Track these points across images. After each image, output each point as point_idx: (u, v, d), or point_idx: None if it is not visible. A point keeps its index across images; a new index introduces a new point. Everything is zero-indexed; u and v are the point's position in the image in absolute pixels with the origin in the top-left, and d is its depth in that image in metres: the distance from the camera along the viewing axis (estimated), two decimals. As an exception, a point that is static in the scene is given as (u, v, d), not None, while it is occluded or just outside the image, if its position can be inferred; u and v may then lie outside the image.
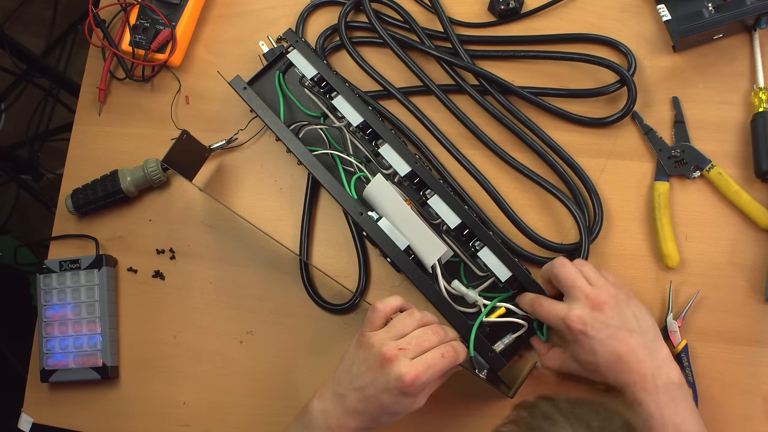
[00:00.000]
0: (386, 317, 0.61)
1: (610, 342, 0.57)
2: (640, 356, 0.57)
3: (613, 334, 0.58)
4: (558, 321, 0.60)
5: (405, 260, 0.68)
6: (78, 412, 0.79)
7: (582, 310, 0.59)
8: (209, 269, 0.78)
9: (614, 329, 0.58)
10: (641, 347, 0.57)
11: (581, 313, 0.59)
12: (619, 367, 0.57)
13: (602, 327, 0.58)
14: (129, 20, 0.82)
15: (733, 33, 0.71)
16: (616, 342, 0.57)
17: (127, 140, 0.84)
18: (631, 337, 0.58)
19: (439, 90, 0.75)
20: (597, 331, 0.58)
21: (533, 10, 0.76)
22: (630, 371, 0.57)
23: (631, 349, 0.57)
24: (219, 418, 0.75)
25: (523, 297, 0.65)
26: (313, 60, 0.76)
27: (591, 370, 0.59)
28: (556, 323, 0.61)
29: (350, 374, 0.59)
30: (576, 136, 0.72)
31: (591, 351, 0.58)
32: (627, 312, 0.60)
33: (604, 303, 0.59)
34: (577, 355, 0.60)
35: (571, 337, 0.59)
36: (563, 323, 0.59)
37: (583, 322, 0.58)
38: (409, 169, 0.71)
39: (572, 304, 0.60)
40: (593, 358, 0.58)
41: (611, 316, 0.59)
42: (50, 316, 0.79)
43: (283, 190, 0.79)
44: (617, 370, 0.57)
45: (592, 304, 0.59)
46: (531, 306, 0.64)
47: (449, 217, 0.69)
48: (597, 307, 0.59)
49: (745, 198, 0.67)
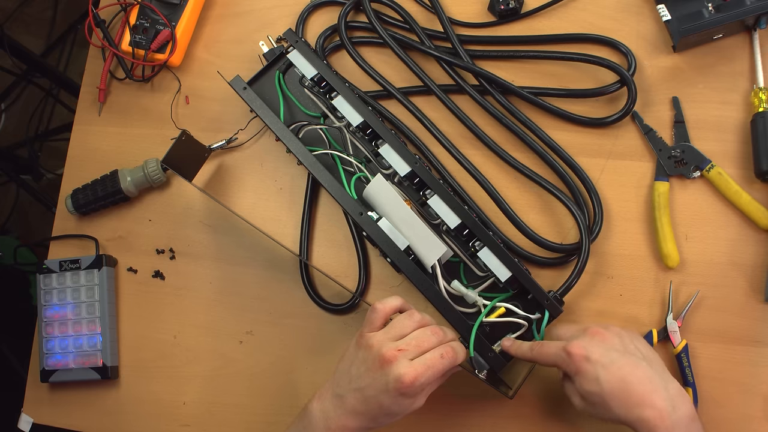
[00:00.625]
0: (386, 318, 0.61)
1: (615, 368, 0.54)
2: (652, 385, 0.54)
3: (617, 360, 0.55)
4: (558, 352, 0.57)
5: (405, 260, 0.68)
6: (78, 412, 0.79)
7: (582, 339, 0.57)
8: (209, 269, 0.79)
9: (618, 354, 0.55)
10: (651, 375, 0.54)
11: (581, 341, 0.57)
12: (627, 398, 0.53)
13: (605, 352, 0.55)
14: (129, 20, 0.82)
15: (733, 33, 0.71)
16: (621, 368, 0.54)
17: (127, 140, 0.84)
18: (638, 365, 0.55)
19: (439, 90, 0.75)
20: (600, 356, 0.55)
21: (533, 10, 0.76)
22: (641, 404, 0.53)
23: (640, 377, 0.54)
24: (219, 418, 0.75)
25: (522, 344, 0.63)
26: (313, 60, 0.76)
27: (596, 403, 0.55)
28: (556, 357, 0.58)
29: (350, 375, 0.59)
30: (576, 136, 0.72)
31: (595, 380, 0.55)
32: (627, 340, 0.58)
33: (604, 331, 0.57)
34: (581, 386, 0.56)
35: (573, 368, 0.56)
36: (563, 353, 0.57)
37: (583, 348, 0.56)
38: (409, 169, 0.71)
39: (571, 339, 0.58)
40: (597, 387, 0.54)
41: (614, 343, 0.57)
42: (50, 316, 0.79)
43: (283, 190, 0.79)
44: (626, 402, 0.53)
45: (592, 333, 0.58)
46: (530, 351, 0.61)
47: (449, 217, 0.69)
48: (598, 335, 0.57)
49: (745, 198, 0.67)
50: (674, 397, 0.54)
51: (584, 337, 0.58)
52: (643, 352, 0.57)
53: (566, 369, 0.57)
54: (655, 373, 0.55)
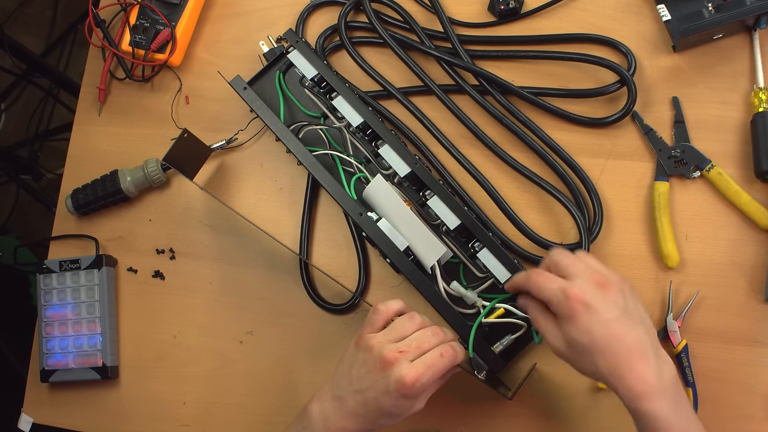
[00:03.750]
0: (387, 320, 0.61)
1: (613, 326, 0.52)
2: (643, 349, 0.52)
3: (618, 318, 0.52)
4: (556, 291, 0.54)
5: (404, 261, 0.68)
6: (78, 412, 0.79)
7: (586, 285, 0.53)
8: (209, 269, 0.79)
9: (619, 312, 0.53)
10: (644, 341, 0.52)
11: (585, 286, 0.53)
12: (618, 358, 0.51)
13: (605, 306, 0.52)
14: (129, 20, 0.82)
15: (733, 33, 0.71)
16: (619, 327, 0.52)
17: (127, 140, 0.84)
18: (634, 327, 0.53)
19: (439, 90, 0.75)
20: (600, 308, 0.52)
21: (533, 10, 0.76)
22: (631, 367, 0.51)
23: (634, 340, 0.52)
24: (219, 418, 0.75)
25: (518, 273, 0.60)
26: (314, 60, 0.76)
27: (581, 353, 0.53)
28: (552, 294, 0.54)
29: (350, 377, 0.59)
30: (576, 136, 0.72)
31: (587, 331, 0.52)
32: (630, 301, 0.54)
33: (610, 284, 0.54)
34: (569, 334, 0.53)
35: (567, 311, 0.53)
36: (562, 294, 0.53)
37: (586, 294, 0.52)
38: (409, 170, 0.71)
39: (575, 279, 0.54)
40: (588, 339, 0.52)
41: (617, 299, 0.53)
42: (50, 316, 0.79)
43: (283, 190, 0.79)
44: (615, 361, 0.51)
45: (596, 281, 0.54)
46: (526, 280, 0.58)
47: (449, 218, 0.69)
48: (602, 286, 0.53)
49: (745, 198, 0.67)
50: (661, 362, 0.53)
51: (588, 283, 0.54)
52: (642, 315, 0.55)
53: (559, 310, 0.54)
54: (648, 339, 0.53)
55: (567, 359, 0.55)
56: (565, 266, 0.56)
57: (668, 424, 0.51)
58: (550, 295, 0.55)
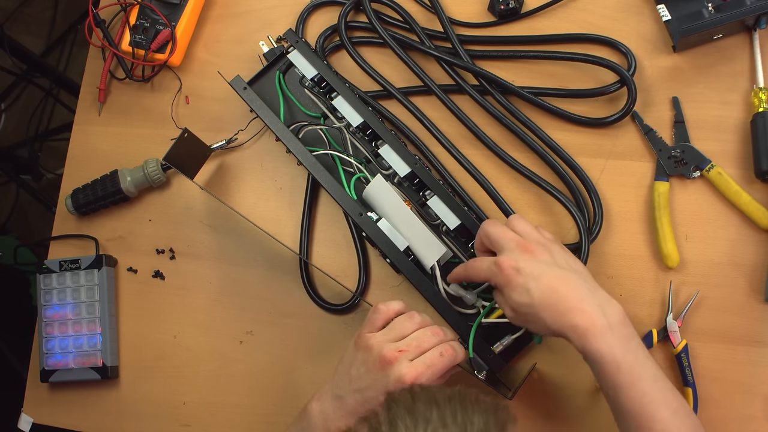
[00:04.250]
0: (387, 320, 0.61)
1: (545, 278, 0.55)
2: (580, 293, 0.54)
3: (546, 271, 0.55)
4: (489, 266, 0.58)
5: (404, 261, 0.68)
6: (78, 412, 0.79)
7: (513, 253, 0.57)
8: (209, 269, 0.79)
9: (547, 266, 0.56)
10: (580, 285, 0.55)
11: (512, 254, 0.57)
12: (558, 306, 0.54)
13: (536, 264, 0.56)
14: (129, 20, 0.82)
15: (733, 33, 0.71)
16: (551, 278, 0.55)
17: (127, 140, 0.84)
18: (567, 276, 0.55)
19: (439, 90, 0.75)
20: (531, 269, 0.55)
21: (533, 10, 0.76)
22: (571, 310, 0.53)
23: (570, 287, 0.54)
24: (219, 418, 0.75)
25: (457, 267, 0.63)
26: (313, 60, 0.76)
27: (527, 314, 0.56)
28: (487, 271, 0.58)
29: (349, 376, 0.59)
30: (576, 136, 0.72)
31: (525, 290, 0.55)
32: (558, 256, 0.58)
33: (534, 246, 0.57)
34: (511, 299, 0.56)
35: (503, 280, 0.56)
36: (495, 267, 0.57)
37: (514, 260, 0.56)
38: (409, 170, 0.71)
39: (503, 252, 0.58)
40: (528, 298, 0.55)
41: (543, 258, 0.57)
42: (50, 316, 0.79)
43: (283, 190, 0.79)
44: (556, 310, 0.54)
45: (522, 248, 0.57)
46: (464, 269, 0.62)
47: (449, 218, 0.69)
48: (527, 250, 0.57)
49: (745, 198, 0.67)
50: (603, 303, 0.54)
51: (515, 251, 0.57)
52: (572, 265, 0.57)
53: (496, 281, 0.58)
54: (584, 283, 0.55)
55: (522, 324, 0.59)
56: (495, 240, 0.60)
57: (614, 360, 0.52)
58: (486, 273, 0.59)
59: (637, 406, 0.52)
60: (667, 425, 0.52)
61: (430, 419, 0.41)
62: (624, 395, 0.52)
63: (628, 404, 0.52)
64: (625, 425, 0.54)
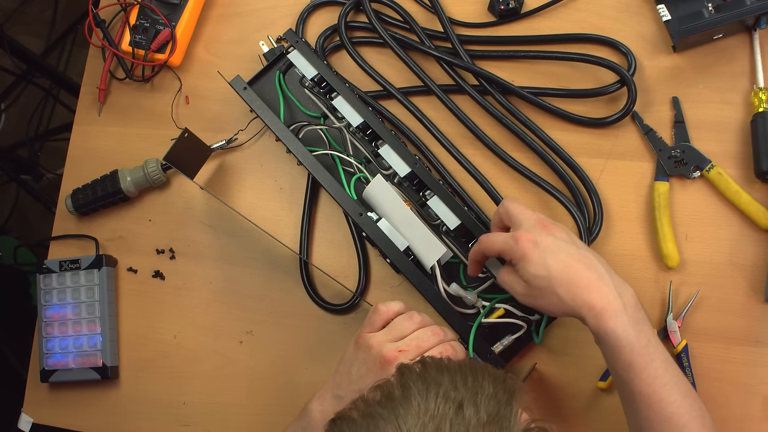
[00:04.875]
0: (387, 320, 0.61)
1: (563, 255, 0.55)
2: (598, 272, 0.55)
3: (564, 248, 0.56)
4: (505, 239, 0.57)
5: (404, 261, 0.68)
6: (78, 412, 0.79)
7: (532, 228, 0.57)
8: (209, 269, 0.79)
9: (565, 243, 0.56)
10: (596, 265, 0.55)
11: (531, 229, 0.57)
12: (574, 283, 0.54)
13: (552, 240, 0.56)
14: (129, 20, 0.82)
15: (733, 33, 0.71)
16: (569, 255, 0.55)
17: (127, 140, 0.84)
18: (584, 255, 0.56)
19: (439, 90, 0.75)
20: (548, 243, 0.56)
21: (533, 10, 0.76)
22: (588, 288, 0.54)
23: (587, 264, 0.55)
24: (219, 418, 0.75)
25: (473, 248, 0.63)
26: (313, 60, 0.76)
27: (542, 287, 0.55)
28: (503, 244, 0.58)
29: (349, 376, 0.59)
30: (576, 136, 0.72)
31: (543, 265, 0.55)
32: (575, 238, 0.58)
33: (553, 225, 0.58)
34: (527, 271, 0.56)
35: (519, 252, 0.56)
36: (512, 240, 0.57)
37: (533, 234, 0.56)
38: (409, 170, 0.71)
39: (520, 226, 0.58)
40: (545, 271, 0.55)
41: (560, 236, 0.57)
42: (50, 316, 0.79)
43: (283, 190, 0.79)
44: (573, 286, 0.54)
45: (541, 224, 0.57)
46: (478, 245, 0.61)
47: (449, 218, 0.69)
48: (546, 227, 0.57)
49: (745, 198, 0.67)
50: (618, 285, 0.55)
51: (534, 227, 0.57)
52: (588, 248, 0.58)
53: (512, 255, 0.57)
54: (600, 263, 0.56)
55: (533, 302, 0.58)
56: (515, 215, 0.59)
57: (628, 341, 0.52)
58: (501, 245, 0.58)
59: (650, 387, 0.53)
60: (678, 408, 0.52)
61: (441, 383, 0.41)
62: (637, 376, 0.53)
63: (641, 385, 0.53)
64: (634, 407, 0.54)
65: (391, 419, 0.39)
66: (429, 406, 0.40)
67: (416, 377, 0.42)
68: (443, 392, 0.40)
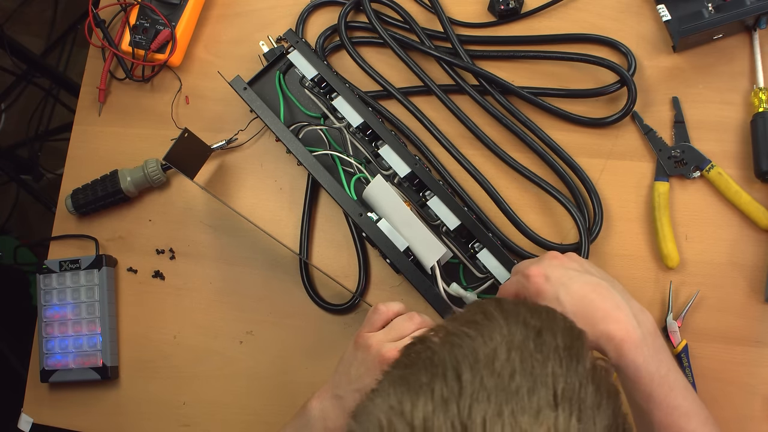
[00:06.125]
0: (387, 320, 0.61)
1: (575, 286, 0.53)
2: (614, 300, 0.52)
3: (575, 278, 0.54)
4: (517, 279, 0.57)
5: (404, 261, 0.68)
6: (78, 412, 0.79)
7: (541, 262, 0.56)
8: (209, 269, 0.79)
9: (576, 272, 0.55)
10: (612, 293, 0.53)
11: (540, 263, 0.56)
12: (591, 315, 0.52)
13: (564, 272, 0.54)
14: (129, 20, 0.82)
15: (733, 33, 0.71)
16: (581, 285, 0.53)
17: (127, 140, 0.84)
18: (598, 284, 0.53)
19: (439, 90, 0.75)
20: (560, 276, 0.54)
21: (533, 10, 0.76)
22: (605, 319, 0.51)
23: (601, 295, 0.53)
24: (219, 418, 0.75)
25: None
26: (314, 60, 0.76)
27: None
28: (516, 284, 0.57)
29: (349, 375, 0.59)
30: (576, 136, 0.72)
31: (555, 299, 0.53)
32: (587, 265, 0.57)
33: (562, 255, 0.57)
34: None
35: (532, 289, 0.55)
36: (522, 278, 0.56)
37: (542, 268, 0.55)
38: (409, 171, 0.71)
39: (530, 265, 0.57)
40: (559, 307, 0.52)
41: (571, 265, 0.56)
42: (50, 316, 0.79)
43: (283, 190, 0.79)
44: (590, 319, 0.51)
45: (550, 256, 0.57)
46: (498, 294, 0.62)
47: (449, 218, 0.69)
48: (556, 258, 0.56)
49: (745, 198, 0.67)
50: (637, 313, 0.53)
51: (543, 260, 0.56)
52: (602, 275, 0.56)
53: (526, 293, 0.56)
54: (616, 291, 0.54)
55: None
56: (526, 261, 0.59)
57: (648, 373, 0.51)
58: (515, 286, 0.57)
59: (669, 418, 0.51)
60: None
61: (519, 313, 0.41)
62: (657, 407, 0.51)
63: (660, 416, 0.52)
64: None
65: (476, 337, 0.39)
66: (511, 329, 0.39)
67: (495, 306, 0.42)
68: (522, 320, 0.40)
